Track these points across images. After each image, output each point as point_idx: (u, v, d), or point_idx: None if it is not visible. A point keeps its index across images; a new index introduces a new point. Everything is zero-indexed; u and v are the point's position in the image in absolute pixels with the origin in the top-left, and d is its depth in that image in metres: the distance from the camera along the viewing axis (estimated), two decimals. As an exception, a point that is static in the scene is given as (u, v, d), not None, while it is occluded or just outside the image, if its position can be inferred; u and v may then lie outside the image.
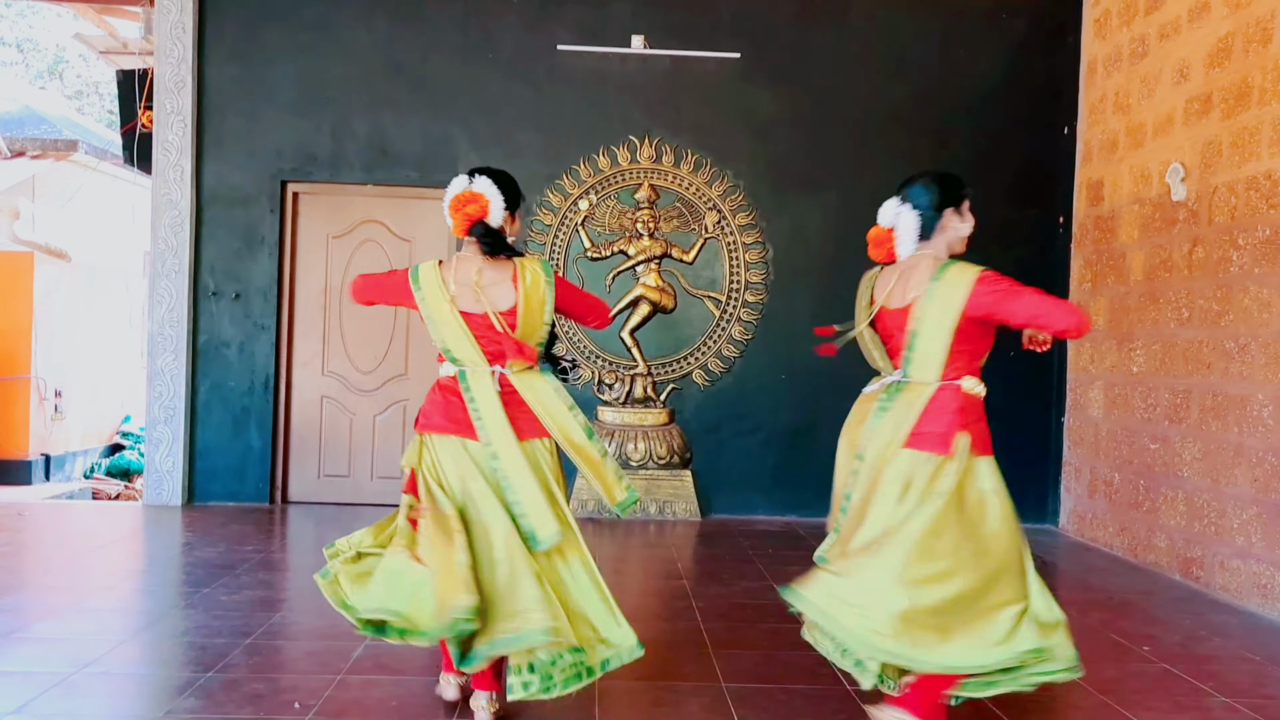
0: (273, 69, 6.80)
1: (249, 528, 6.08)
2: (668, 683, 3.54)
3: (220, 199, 6.80)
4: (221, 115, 6.79)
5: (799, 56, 6.87)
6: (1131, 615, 4.67)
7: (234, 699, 3.25)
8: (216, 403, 6.81)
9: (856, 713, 3.31)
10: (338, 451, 6.99)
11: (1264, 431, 4.75)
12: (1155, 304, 5.71)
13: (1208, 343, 5.21)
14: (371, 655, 3.74)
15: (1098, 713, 3.39)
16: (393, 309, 6.98)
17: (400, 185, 6.87)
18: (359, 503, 6.93)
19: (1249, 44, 4.99)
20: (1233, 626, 4.51)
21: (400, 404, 7.00)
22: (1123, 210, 6.12)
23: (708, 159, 6.85)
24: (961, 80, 6.88)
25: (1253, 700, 3.53)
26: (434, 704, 3.28)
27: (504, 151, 6.83)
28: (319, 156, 6.83)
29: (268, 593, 4.62)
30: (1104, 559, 5.92)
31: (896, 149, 6.84)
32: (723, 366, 6.88)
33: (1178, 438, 5.43)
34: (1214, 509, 5.11)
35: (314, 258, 6.99)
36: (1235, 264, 5.02)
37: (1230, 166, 5.09)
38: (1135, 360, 5.89)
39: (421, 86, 6.82)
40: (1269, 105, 4.81)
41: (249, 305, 6.83)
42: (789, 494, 6.80)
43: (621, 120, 6.85)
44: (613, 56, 6.80)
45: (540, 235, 6.84)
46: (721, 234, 6.86)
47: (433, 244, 6.98)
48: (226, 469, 6.81)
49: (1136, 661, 3.96)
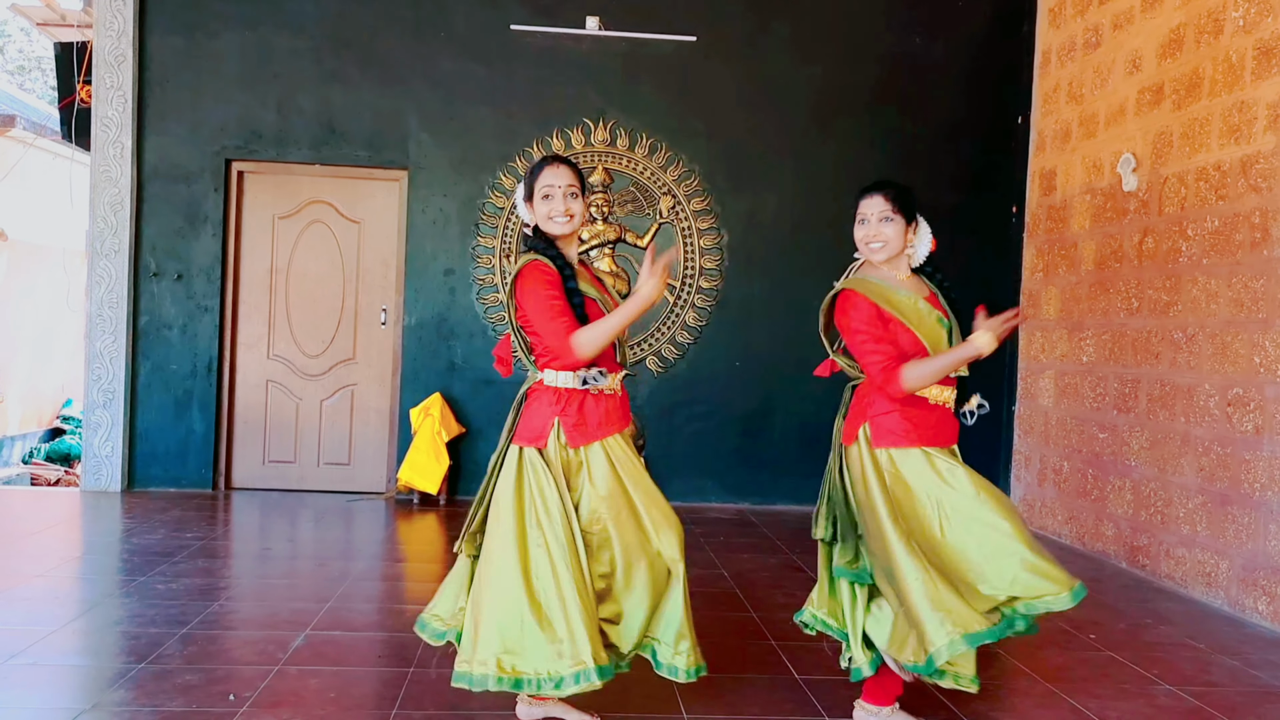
0: (217, 42, 6.61)
1: (190, 514, 5.93)
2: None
3: (162, 176, 6.61)
4: (163, 90, 6.60)
5: (755, 40, 6.82)
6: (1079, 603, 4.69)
7: (165, 690, 3.15)
8: (158, 386, 6.64)
9: (804, 701, 3.28)
10: (283, 436, 6.84)
11: (1210, 421, 4.79)
12: (1106, 293, 5.74)
13: (1156, 332, 5.25)
14: (311, 645, 3.64)
15: (1044, 700, 3.39)
16: (341, 289, 6.86)
17: (349, 165, 6.73)
18: (305, 489, 6.80)
19: (1200, 35, 5.01)
20: (1178, 614, 4.55)
21: (348, 388, 6.87)
22: (1075, 200, 6.14)
23: (663, 142, 6.78)
24: (918, 67, 6.87)
25: (1197, 688, 3.55)
26: (373, 694, 3.20)
27: (456, 131, 6.71)
28: (265, 133, 6.66)
29: (207, 581, 4.50)
30: (1053, 547, 5.95)
31: (853, 135, 6.82)
32: (677, 353, 6.82)
33: (1126, 427, 5.47)
34: (1160, 498, 5.15)
35: (259, 238, 6.82)
36: (1184, 254, 5.05)
37: (1181, 157, 5.11)
38: (1085, 349, 5.92)
39: (371, 62, 6.68)
40: (1219, 96, 4.84)
41: (191, 286, 6.65)
42: (742, 481, 6.77)
43: (576, 102, 6.75)
44: (567, 37, 6.70)
45: (492, 218, 6.73)
46: (676, 219, 6.79)
47: (382, 226, 6.85)
48: (168, 454, 6.64)
49: (1083, 649, 3.97)
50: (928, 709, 3.22)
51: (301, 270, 6.84)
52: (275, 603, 4.21)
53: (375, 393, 6.88)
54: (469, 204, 6.74)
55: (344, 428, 6.87)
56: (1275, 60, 4.47)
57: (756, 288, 6.77)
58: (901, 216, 2.96)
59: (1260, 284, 4.50)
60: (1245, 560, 4.51)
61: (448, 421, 6.49)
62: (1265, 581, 4.38)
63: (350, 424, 6.87)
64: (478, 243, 6.72)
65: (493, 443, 6.80)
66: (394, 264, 6.85)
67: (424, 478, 6.35)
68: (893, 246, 2.97)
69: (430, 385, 6.68)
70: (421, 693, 3.22)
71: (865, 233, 2.99)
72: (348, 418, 6.87)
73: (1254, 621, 4.42)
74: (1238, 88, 4.71)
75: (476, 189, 6.73)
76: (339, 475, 6.86)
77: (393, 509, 6.41)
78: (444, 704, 3.13)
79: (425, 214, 6.74)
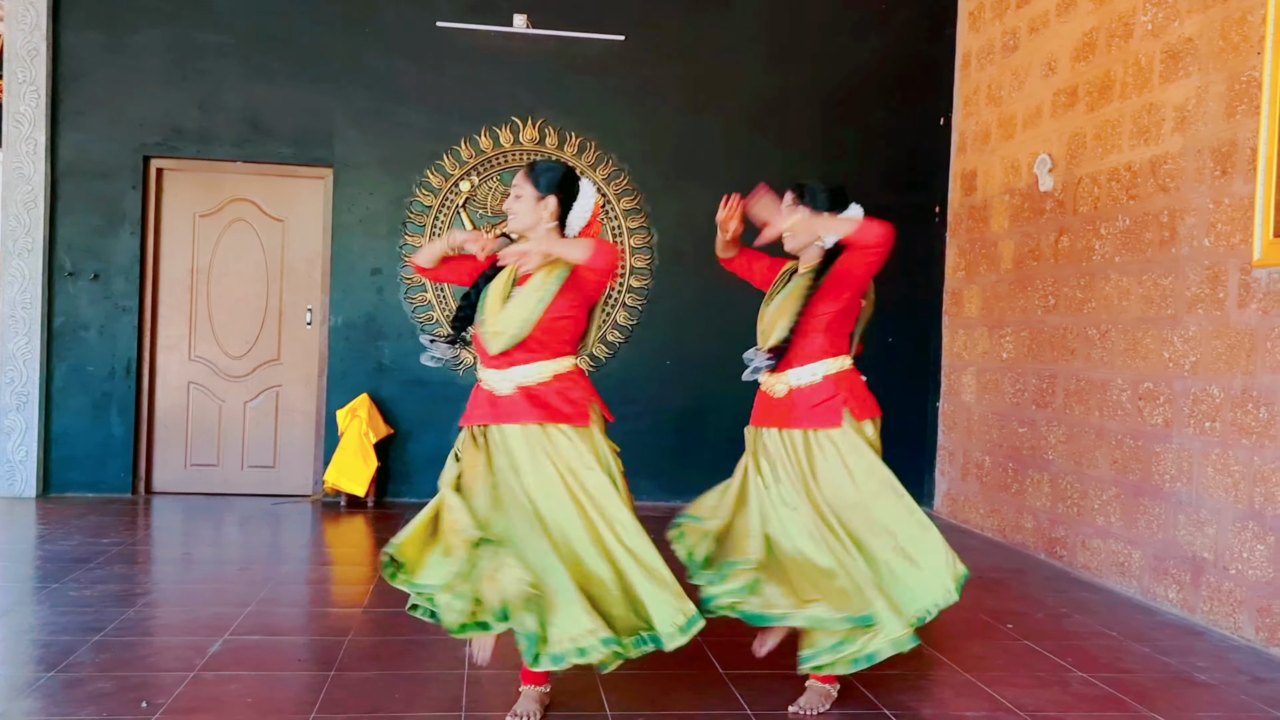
0: (137, 37, 6.46)
1: (108, 519, 5.79)
2: (540, 670, 3.48)
3: (78, 173, 6.44)
4: (80, 85, 6.43)
5: (684, 40, 6.85)
6: (999, 594, 4.80)
7: (76, 699, 3.07)
8: (75, 388, 6.47)
9: (728, 695, 3.31)
10: (206, 439, 6.71)
11: (1123, 415, 4.93)
12: (1024, 292, 5.87)
13: (1072, 329, 5.38)
14: (230, 650, 3.58)
15: (963, 689, 3.46)
16: (265, 289, 6.74)
17: (273, 162, 6.62)
18: (229, 493, 6.68)
19: (1112, 39, 5.15)
20: (1093, 603, 4.67)
21: (273, 390, 6.76)
22: (994, 200, 6.28)
23: (592, 141, 6.78)
24: (845, 68, 6.96)
25: (1109, 674, 3.65)
26: (293, 698, 3.16)
27: (383, 129, 6.64)
28: (186, 130, 6.53)
29: (124, 586, 4.40)
30: (976, 540, 6.08)
31: (781, 135, 6.88)
32: (608, 352, 6.83)
33: (1044, 422, 5.61)
34: (1076, 490, 5.28)
35: (180, 237, 6.68)
36: (1098, 253, 5.19)
37: (1094, 158, 5.26)
38: (1005, 347, 6.05)
39: (297, 59, 6.58)
40: (1130, 99, 4.98)
41: (109, 286, 6.49)
42: (676, 479, 6.78)
43: (505, 100, 6.72)
44: (496, 34, 6.67)
45: (420, 217, 6.67)
46: (607, 218, 6.80)
47: (307, 225, 6.76)
48: (86, 458, 6.47)
49: (1002, 639, 4.06)
50: (851, 701, 3.27)
51: (224, 270, 6.71)
52: (195, 608, 4.13)
53: (301, 394, 6.78)
54: (397, 203, 6.67)
55: (269, 430, 6.75)
56: (1182, 64, 4.62)
57: (688, 287, 6.80)
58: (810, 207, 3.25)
59: (1168, 281, 4.64)
60: (1156, 550, 4.65)
61: (375, 423, 6.41)
62: (1175, 570, 4.52)
63: (275, 426, 6.76)
64: (405, 242, 6.65)
65: (423, 443, 6.76)
66: (320, 263, 6.75)
67: (351, 480, 6.28)
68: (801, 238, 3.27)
69: (358, 386, 6.60)
70: (343, 696, 3.18)
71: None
72: (273, 419, 6.76)
73: (1164, 609, 4.56)
74: (1147, 90, 4.85)
75: (404, 188, 6.67)
76: (264, 478, 6.74)
77: (319, 512, 6.32)
78: (365, 706, 3.10)
79: (352, 213, 6.66)
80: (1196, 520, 4.40)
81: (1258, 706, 3.38)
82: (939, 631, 4.22)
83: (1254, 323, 4.12)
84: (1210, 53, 4.44)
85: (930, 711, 3.27)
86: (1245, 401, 4.15)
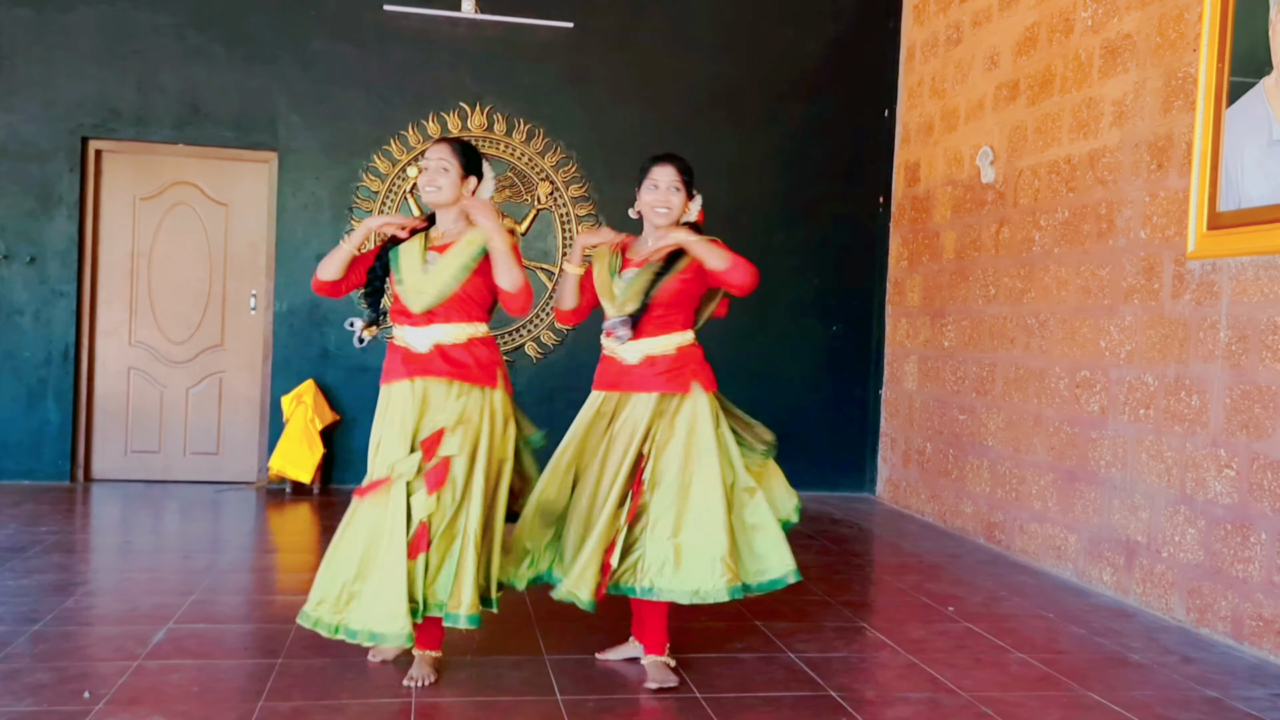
0: (71, 15, 6.31)
1: (45, 507, 5.68)
2: (490, 656, 3.49)
3: (10, 155, 6.28)
4: (12, 65, 6.27)
5: (631, 28, 6.85)
6: (939, 578, 4.90)
7: (13, 690, 3.01)
8: (8, 374, 6.32)
9: (676, 684, 3.34)
10: (147, 426, 6.60)
11: (1060, 402, 5.04)
12: (965, 282, 5.98)
13: (1011, 319, 5.49)
14: (173, 639, 3.54)
15: (904, 671, 3.53)
16: (208, 274, 6.64)
17: (215, 145, 6.51)
18: (171, 480, 6.58)
19: (1052, 34, 5.25)
20: (1030, 587, 4.79)
21: (216, 376, 6.66)
22: (937, 191, 6.37)
23: (540, 128, 6.76)
24: (791, 59, 7.01)
25: (1046, 655, 3.75)
26: (238, 687, 3.13)
27: (327, 113, 6.56)
28: (124, 111, 6.39)
29: (62, 576, 4.32)
30: (916, 525, 6.19)
31: (728, 124, 6.92)
32: (555, 339, 6.83)
33: (984, 409, 5.72)
34: (1015, 476, 5.40)
35: (120, 220, 6.55)
36: (1037, 244, 5.30)
37: (1034, 150, 5.36)
38: (947, 335, 6.16)
39: (238, 40, 6.47)
40: (1069, 93, 5.08)
41: (45, 270, 6.35)
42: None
43: (452, 86, 6.67)
44: (442, 19, 6.61)
45: (365, 203, 6.61)
46: (555, 205, 6.79)
47: (251, 208, 6.66)
48: (20, 445, 6.34)
49: (941, 621, 4.15)
50: (794, 683, 3.32)
51: (165, 254, 6.59)
52: (136, 597, 4.07)
53: (245, 380, 6.69)
54: (342, 188, 6.60)
55: (212, 416, 6.66)
56: (1120, 59, 4.72)
57: (634, 274, 6.81)
58: (685, 190, 3.31)
59: (1105, 272, 4.75)
60: (1091, 534, 4.78)
61: (321, 409, 6.35)
62: (1109, 554, 4.65)
63: (219, 412, 6.67)
64: (351, 227, 6.58)
65: (369, 430, 6.64)
66: (264, 248, 6.66)
67: (296, 466, 6.21)
68: (674, 214, 3.31)
69: (303, 372, 6.53)
70: (289, 685, 3.16)
71: (654, 198, 3.30)
72: (216, 406, 6.66)
73: (1099, 591, 4.69)
74: (1086, 85, 4.95)
75: (349, 173, 6.60)
76: (207, 465, 6.65)
77: (264, 499, 6.25)
78: (312, 694, 3.08)
79: (296, 198, 6.58)
80: (1130, 505, 4.53)
81: (1188, 685, 3.49)
82: (880, 615, 4.31)
83: (1187, 313, 4.24)
84: (1148, 49, 4.55)
85: (873, 693, 3.34)
86: (1178, 389, 4.27)
